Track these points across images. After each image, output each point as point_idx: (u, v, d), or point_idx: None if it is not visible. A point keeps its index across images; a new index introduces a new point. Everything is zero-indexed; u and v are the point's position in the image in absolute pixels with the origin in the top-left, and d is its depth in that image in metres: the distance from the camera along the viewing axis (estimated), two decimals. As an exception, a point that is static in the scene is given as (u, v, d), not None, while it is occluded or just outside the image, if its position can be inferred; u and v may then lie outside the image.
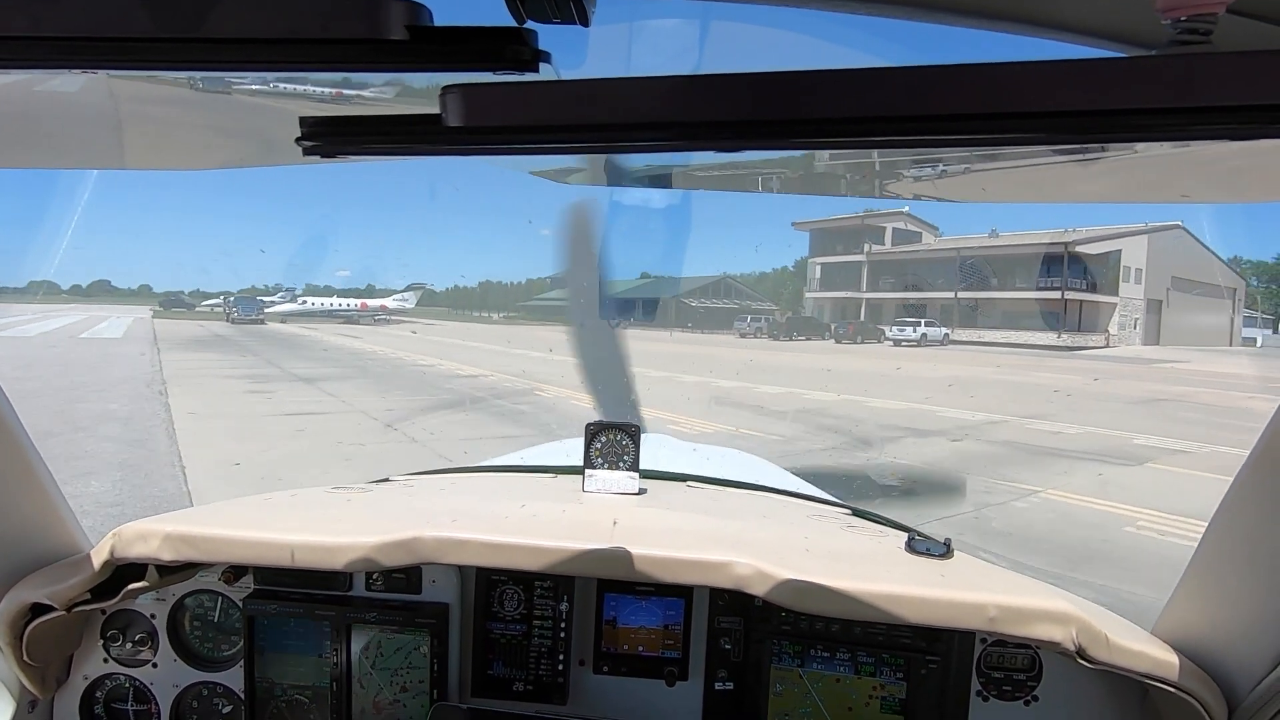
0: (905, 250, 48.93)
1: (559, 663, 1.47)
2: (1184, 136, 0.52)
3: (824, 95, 0.51)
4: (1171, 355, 33.46)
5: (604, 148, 0.69)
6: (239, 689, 1.48)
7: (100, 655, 1.50)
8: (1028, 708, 1.39)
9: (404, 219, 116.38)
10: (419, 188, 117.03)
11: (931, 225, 50.42)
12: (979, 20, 0.76)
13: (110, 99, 0.89)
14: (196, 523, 1.34)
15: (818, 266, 51.59)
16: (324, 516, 1.44)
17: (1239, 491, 1.11)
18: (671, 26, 1.01)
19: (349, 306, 52.60)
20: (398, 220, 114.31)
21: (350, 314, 51.53)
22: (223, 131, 1.05)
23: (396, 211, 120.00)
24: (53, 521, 1.39)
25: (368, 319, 51.06)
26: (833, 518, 1.81)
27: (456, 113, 0.56)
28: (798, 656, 1.43)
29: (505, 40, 0.53)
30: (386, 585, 1.48)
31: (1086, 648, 1.17)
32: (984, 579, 1.29)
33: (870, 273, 48.45)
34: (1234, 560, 1.14)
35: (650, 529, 1.41)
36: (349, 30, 0.50)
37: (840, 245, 49.94)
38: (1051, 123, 0.50)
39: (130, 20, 0.49)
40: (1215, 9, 0.50)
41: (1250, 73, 0.47)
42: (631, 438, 1.74)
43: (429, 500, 1.64)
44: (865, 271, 48.66)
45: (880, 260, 48.71)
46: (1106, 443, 11.66)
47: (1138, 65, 0.50)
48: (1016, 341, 38.50)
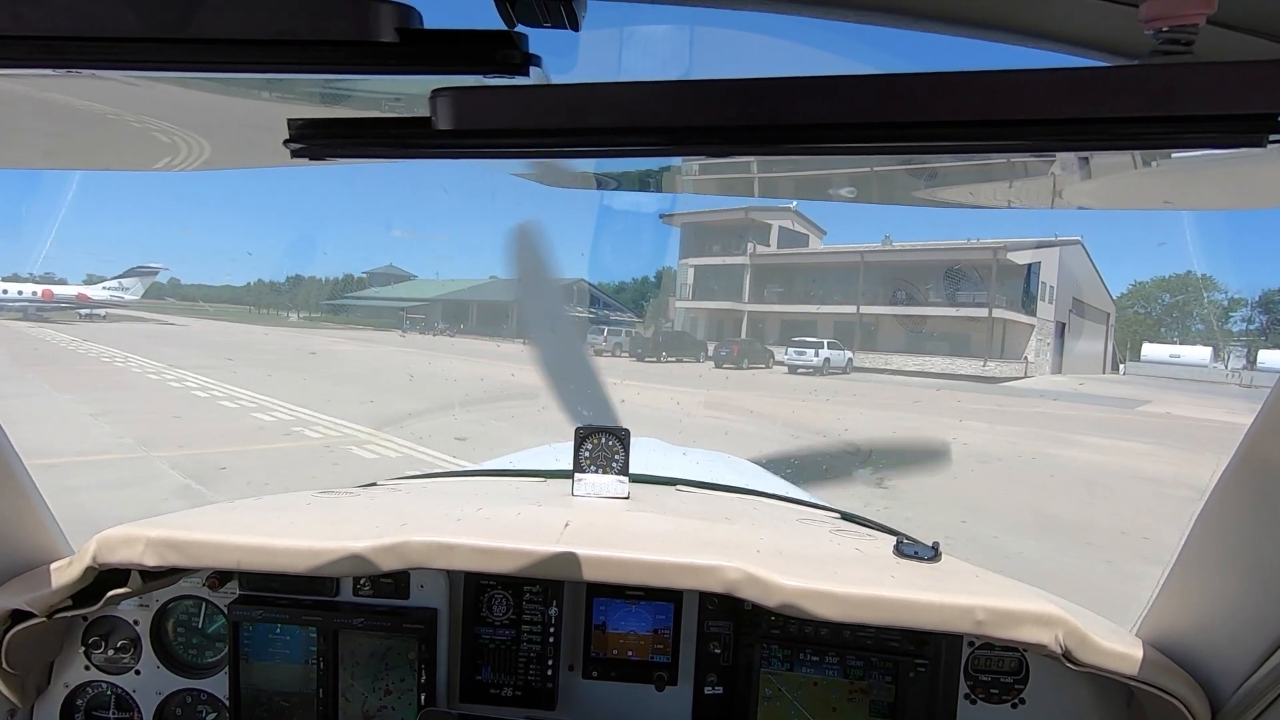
0: (794, 254, 39.91)
1: (548, 668, 1.46)
2: (1165, 145, 0.53)
3: (811, 102, 0.51)
4: (1127, 393, 26.03)
5: (594, 152, 0.69)
6: (224, 696, 1.46)
7: (81, 662, 1.48)
8: (1015, 710, 1.39)
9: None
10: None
11: (819, 227, 41.70)
12: (965, 29, 0.76)
13: (95, 100, 0.88)
14: (181, 527, 1.32)
15: (690, 269, 40.99)
16: (311, 521, 1.42)
17: (1221, 494, 1.12)
18: (662, 32, 1.01)
19: (20, 295, 36.88)
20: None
21: (21, 306, 36.36)
22: (206, 132, 1.04)
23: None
24: (33, 526, 1.37)
25: (52, 312, 36.38)
26: (821, 521, 1.81)
27: (447, 116, 0.56)
28: (787, 660, 1.43)
29: (495, 44, 0.53)
30: (374, 590, 1.47)
31: (1073, 650, 1.18)
32: (972, 582, 1.30)
33: (753, 280, 39.01)
34: (1217, 562, 1.15)
35: (639, 533, 1.40)
36: (338, 32, 0.50)
37: (717, 245, 39.95)
38: (1035, 130, 0.51)
39: (116, 20, 0.49)
40: (1196, 20, 0.51)
41: (1229, 83, 0.48)
42: (621, 441, 1.74)
43: (417, 504, 1.63)
44: (748, 278, 39.01)
45: (765, 265, 39.29)
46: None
47: (1121, 75, 0.51)
48: (932, 370, 31.33)
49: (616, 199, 6.08)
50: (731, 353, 31.32)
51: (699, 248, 40.31)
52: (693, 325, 40.11)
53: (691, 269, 40.98)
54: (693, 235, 40.38)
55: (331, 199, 67.12)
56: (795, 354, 29.87)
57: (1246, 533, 1.08)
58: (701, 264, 40.49)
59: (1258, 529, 1.06)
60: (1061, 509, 8.88)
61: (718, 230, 39.42)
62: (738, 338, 36.20)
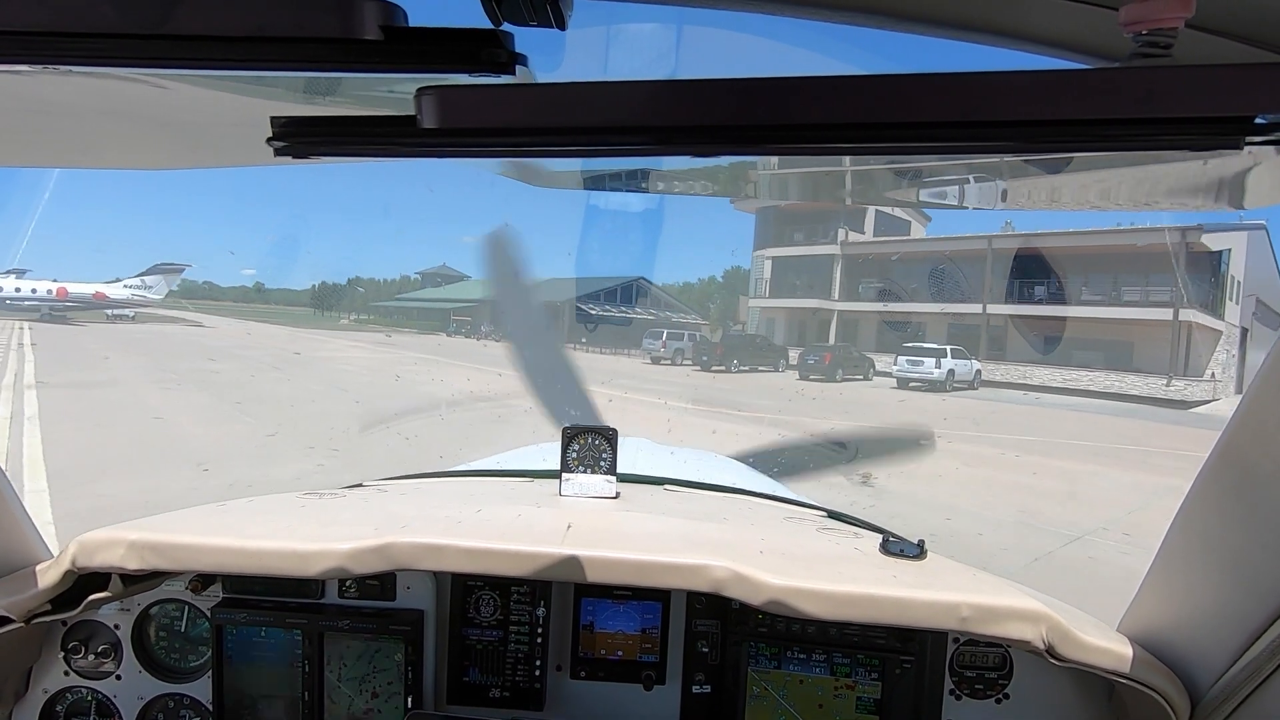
0: (895, 242, 31.98)
1: (536, 668, 1.46)
2: (1144, 147, 0.54)
3: (796, 102, 0.51)
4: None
5: (580, 151, 0.69)
6: (207, 700, 1.44)
7: (61, 668, 1.46)
8: (999, 705, 1.41)
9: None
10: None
11: (923, 212, 32.91)
12: (947, 30, 0.77)
13: (75, 95, 0.87)
14: (162, 530, 1.30)
15: (766, 262, 34.11)
16: (295, 522, 1.41)
17: (1201, 490, 1.14)
18: (648, 31, 1.01)
19: (34, 293, 33.39)
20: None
21: (34, 305, 32.99)
22: (187, 131, 1.03)
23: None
24: (9, 529, 1.35)
25: (65, 314, 33.18)
26: (808, 520, 1.82)
27: (432, 114, 0.56)
28: (774, 659, 1.44)
29: (481, 42, 0.52)
30: (360, 592, 1.45)
31: (1056, 646, 1.20)
32: (957, 579, 1.31)
33: (845, 274, 32.02)
34: (1196, 558, 1.17)
35: (627, 533, 1.40)
36: (322, 29, 0.50)
37: (800, 233, 33.16)
38: (1017, 132, 0.51)
39: (95, 14, 0.48)
40: (1175, 24, 0.52)
41: (1207, 86, 0.48)
42: (608, 441, 1.74)
43: (403, 505, 1.62)
44: (838, 272, 32.09)
45: (860, 256, 32.01)
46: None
47: (1100, 77, 0.51)
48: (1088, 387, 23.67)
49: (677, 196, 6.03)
50: (822, 361, 25.11)
51: (778, 236, 34.16)
52: (769, 327, 33.41)
53: (768, 261, 34.49)
54: (770, 222, 34.23)
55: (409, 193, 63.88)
56: (909, 364, 23.50)
57: (1224, 530, 1.10)
58: (781, 255, 34.12)
59: (1235, 526, 1.07)
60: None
61: (802, 216, 33.17)
62: (825, 342, 29.92)
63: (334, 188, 75.49)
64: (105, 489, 6.99)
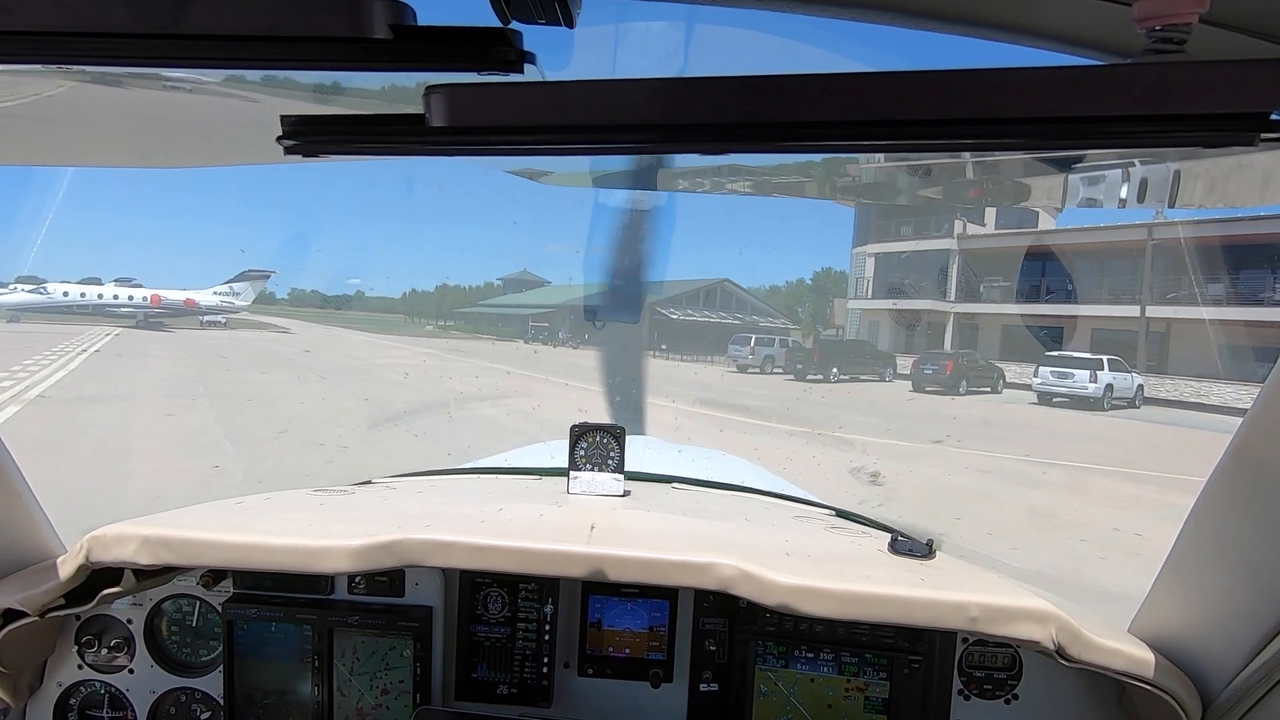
0: (1024, 234, 26.78)
1: (543, 665, 1.46)
2: (1158, 143, 0.53)
3: (807, 99, 0.51)
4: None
5: (589, 149, 0.69)
6: (218, 695, 1.46)
7: (75, 661, 1.47)
8: (1008, 706, 1.40)
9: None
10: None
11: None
12: (960, 27, 0.77)
13: (84, 95, 0.88)
14: (174, 525, 1.32)
15: (869, 259, 29.97)
16: (305, 519, 1.42)
17: (1213, 492, 1.13)
18: (657, 29, 1.01)
19: (131, 300, 33.98)
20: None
21: (130, 312, 33.46)
22: (200, 130, 1.03)
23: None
24: (25, 525, 1.36)
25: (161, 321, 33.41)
26: (817, 519, 1.82)
27: (441, 113, 0.56)
28: (782, 657, 1.44)
29: (490, 41, 0.52)
30: (369, 588, 1.46)
31: (1066, 646, 1.19)
32: (965, 579, 1.31)
33: (962, 271, 27.39)
34: (1208, 559, 1.16)
35: (635, 531, 1.40)
36: (332, 28, 0.50)
37: (908, 225, 29.06)
38: (1031, 129, 0.51)
39: (107, 15, 0.49)
40: (1189, 19, 0.52)
41: (1221, 81, 0.48)
42: (616, 439, 1.74)
43: (412, 502, 1.63)
44: (955, 269, 27.40)
45: (980, 251, 27.14)
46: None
47: (1114, 73, 0.51)
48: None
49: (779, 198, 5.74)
50: (942, 371, 21.54)
51: (882, 230, 29.95)
52: (872, 332, 29.90)
53: (870, 258, 30.37)
54: (872, 215, 29.86)
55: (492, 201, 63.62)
56: (1056, 376, 20.19)
57: (1237, 530, 1.09)
58: (886, 251, 29.85)
59: (1248, 526, 1.06)
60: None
61: (909, 207, 25.49)
62: (940, 349, 26.13)
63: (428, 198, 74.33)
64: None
